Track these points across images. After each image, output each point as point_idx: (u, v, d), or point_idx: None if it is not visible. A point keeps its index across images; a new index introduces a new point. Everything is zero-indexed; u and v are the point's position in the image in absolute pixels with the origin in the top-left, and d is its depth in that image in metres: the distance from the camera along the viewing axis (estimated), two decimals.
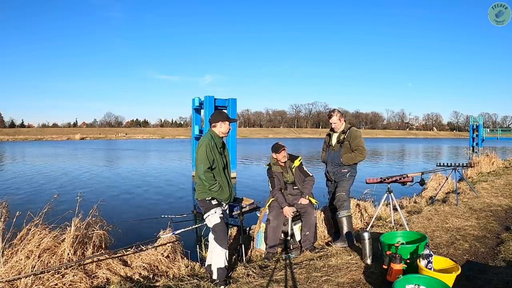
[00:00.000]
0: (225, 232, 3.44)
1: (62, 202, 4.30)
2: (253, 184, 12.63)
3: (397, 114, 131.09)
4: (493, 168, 11.52)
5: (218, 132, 3.51)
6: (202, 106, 15.01)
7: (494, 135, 37.78)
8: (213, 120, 3.53)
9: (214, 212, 3.36)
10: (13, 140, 62.39)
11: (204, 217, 3.43)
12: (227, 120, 3.54)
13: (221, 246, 3.32)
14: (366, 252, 3.42)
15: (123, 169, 17.74)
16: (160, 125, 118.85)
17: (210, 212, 3.37)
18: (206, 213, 3.39)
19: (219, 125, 3.50)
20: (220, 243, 3.32)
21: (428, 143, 58.28)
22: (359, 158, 4.33)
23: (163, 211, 5.73)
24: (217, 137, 3.51)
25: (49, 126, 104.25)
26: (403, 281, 2.51)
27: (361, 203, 5.87)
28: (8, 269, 2.96)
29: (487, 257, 3.53)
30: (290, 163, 4.44)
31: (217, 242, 3.33)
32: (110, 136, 74.31)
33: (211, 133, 3.50)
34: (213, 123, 3.51)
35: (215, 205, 3.38)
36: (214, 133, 3.50)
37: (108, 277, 3.21)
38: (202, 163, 3.30)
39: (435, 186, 7.90)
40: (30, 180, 13.49)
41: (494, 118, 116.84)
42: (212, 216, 3.36)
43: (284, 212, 4.24)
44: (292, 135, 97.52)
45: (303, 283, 3.10)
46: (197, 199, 3.47)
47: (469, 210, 5.45)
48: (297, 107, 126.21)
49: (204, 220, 3.48)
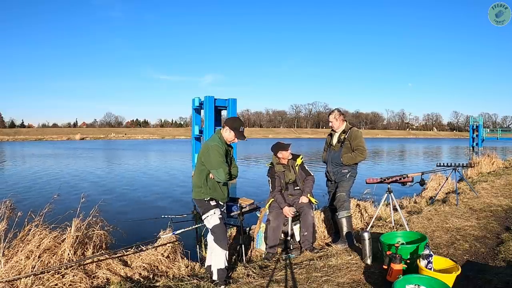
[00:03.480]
0: (224, 233, 3.42)
1: (63, 202, 4.31)
2: (253, 184, 12.63)
3: (397, 114, 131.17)
4: (493, 168, 11.53)
5: (224, 136, 3.42)
6: (202, 106, 15.01)
7: (494, 135, 37.84)
8: (226, 122, 3.47)
9: (213, 213, 3.35)
10: (13, 140, 62.39)
11: (203, 217, 3.41)
12: (234, 132, 3.39)
13: (221, 247, 3.30)
14: (366, 252, 3.42)
15: (123, 169, 17.74)
16: (160, 125, 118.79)
17: (209, 213, 3.35)
18: (205, 214, 3.37)
19: (226, 130, 3.41)
20: (220, 244, 3.31)
21: (428, 143, 58.27)
22: (359, 158, 4.33)
23: (163, 211, 5.73)
24: (225, 142, 3.42)
25: (49, 126, 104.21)
26: (403, 281, 2.52)
27: (361, 203, 5.87)
28: (8, 269, 2.96)
29: (487, 257, 3.53)
30: (293, 161, 4.45)
31: (217, 243, 3.32)
32: (110, 136, 74.35)
33: (220, 136, 3.42)
34: (225, 124, 3.45)
35: (214, 206, 3.37)
36: (222, 137, 3.41)
37: (108, 277, 3.21)
38: (221, 167, 3.23)
39: (435, 186, 7.90)
40: (30, 180, 13.49)
41: (494, 118, 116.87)
42: (211, 217, 3.34)
43: (284, 212, 4.24)
44: (292, 135, 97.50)
45: (303, 283, 3.10)
46: (194, 199, 3.45)
47: (469, 210, 5.45)
48: (297, 107, 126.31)
49: (203, 221, 3.48)
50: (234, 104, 14.75)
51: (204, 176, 3.35)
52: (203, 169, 3.35)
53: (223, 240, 3.34)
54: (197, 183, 3.39)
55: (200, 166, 3.38)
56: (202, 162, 3.35)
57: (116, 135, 77.47)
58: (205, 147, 3.39)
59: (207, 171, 3.34)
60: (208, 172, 3.34)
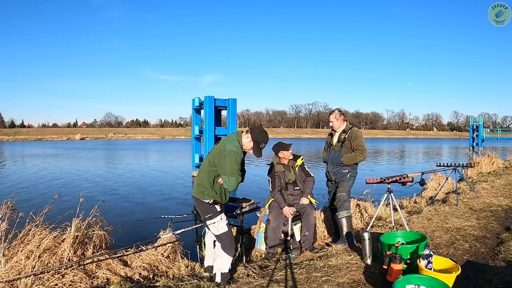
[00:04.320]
0: (232, 240, 3.34)
1: (62, 202, 4.31)
2: (253, 184, 12.63)
3: (397, 114, 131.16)
4: (493, 168, 11.53)
5: (243, 142, 3.17)
6: (202, 106, 15.00)
7: (494, 135, 37.82)
8: (252, 130, 3.20)
9: (220, 219, 3.25)
10: (13, 140, 62.36)
11: (208, 222, 3.25)
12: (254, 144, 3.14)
13: (228, 254, 3.25)
14: (366, 252, 3.42)
15: (123, 169, 17.73)
16: (160, 125, 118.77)
17: (215, 219, 3.23)
18: (211, 220, 3.23)
19: (248, 137, 3.15)
20: (228, 252, 3.25)
21: (428, 143, 58.27)
22: (360, 158, 4.33)
23: (163, 211, 5.73)
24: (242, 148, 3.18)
25: (49, 126, 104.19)
26: (403, 281, 2.52)
27: (361, 203, 5.87)
28: (8, 269, 2.96)
29: (487, 257, 3.53)
30: (293, 162, 4.44)
31: (224, 250, 3.25)
32: (108, 136, 74.29)
33: (239, 140, 3.16)
34: (250, 132, 3.18)
35: (220, 212, 3.26)
36: (241, 142, 3.16)
37: (108, 277, 3.21)
38: (234, 175, 3.05)
39: (435, 186, 7.90)
40: (30, 180, 13.48)
41: (494, 118, 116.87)
42: (218, 223, 3.23)
43: (284, 212, 4.24)
44: (292, 135, 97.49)
45: (303, 283, 3.10)
46: (194, 197, 3.28)
47: (469, 210, 5.45)
48: (297, 107, 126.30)
49: (204, 222, 3.41)
50: (234, 104, 14.75)
51: (212, 178, 3.16)
52: (213, 170, 3.15)
53: (231, 247, 3.28)
54: (202, 183, 3.19)
55: (210, 167, 3.16)
56: (214, 163, 3.13)
57: (117, 135, 77.42)
58: (221, 149, 3.14)
59: (217, 174, 3.15)
60: (217, 175, 3.15)
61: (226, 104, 14.76)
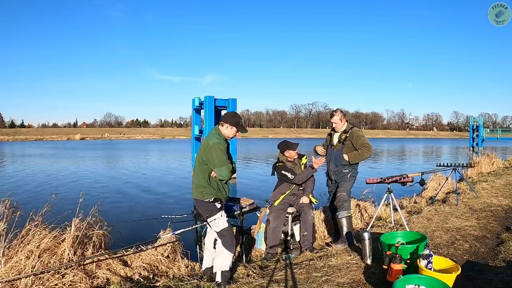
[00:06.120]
0: (233, 236, 3.40)
1: (62, 202, 4.31)
2: (253, 184, 12.63)
3: (397, 114, 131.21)
4: (493, 168, 11.53)
5: (224, 133, 3.35)
6: (202, 106, 15.01)
7: (494, 135, 37.82)
8: (224, 119, 3.38)
9: (221, 215, 3.30)
10: (13, 140, 62.36)
11: (209, 220, 3.31)
12: (236, 127, 3.36)
13: (229, 250, 3.28)
14: (366, 252, 3.42)
15: (123, 169, 17.73)
16: (160, 125, 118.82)
17: (216, 216, 3.29)
18: (212, 217, 3.29)
19: (227, 127, 3.34)
20: (228, 248, 3.28)
21: (428, 143, 58.27)
22: (366, 155, 4.32)
23: (163, 211, 5.73)
24: (224, 139, 3.34)
25: (49, 126, 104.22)
26: (403, 281, 2.52)
27: (361, 203, 5.87)
28: (8, 269, 2.96)
29: (487, 257, 3.53)
30: (299, 160, 4.45)
31: (225, 246, 3.28)
32: (110, 136, 74.29)
33: (219, 133, 3.33)
34: (223, 122, 3.36)
35: (220, 209, 3.32)
36: (221, 134, 3.34)
37: (108, 277, 3.21)
38: (224, 165, 3.18)
39: (435, 186, 7.89)
40: (30, 180, 13.48)
41: (494, 118, 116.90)
42: (219, 220, 3.29)
43: (317, 163, 4.22)
44: (292, 135, 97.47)
45: (303, 283, 3.10)
46: (195, 199, 3.35)
47: (469, 210, 5.45)
48: (297, 107, 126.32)
49: (204, 222, 3.44)
50: (234, 104, 14.75)
51: (207, 175, 3.25)
52: (205, 168, 3.25)
53: (232, 243, 3.32)
54: (199, 183, 3.27)
55: (201, 166, 3.27)
56: (204, 161, 3.25)
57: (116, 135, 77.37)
58: (205, 145, 3.29)
59: (209, 170, 3.25)
60: (210, 171, 3.25)
61: (226, 104, 14.77)
